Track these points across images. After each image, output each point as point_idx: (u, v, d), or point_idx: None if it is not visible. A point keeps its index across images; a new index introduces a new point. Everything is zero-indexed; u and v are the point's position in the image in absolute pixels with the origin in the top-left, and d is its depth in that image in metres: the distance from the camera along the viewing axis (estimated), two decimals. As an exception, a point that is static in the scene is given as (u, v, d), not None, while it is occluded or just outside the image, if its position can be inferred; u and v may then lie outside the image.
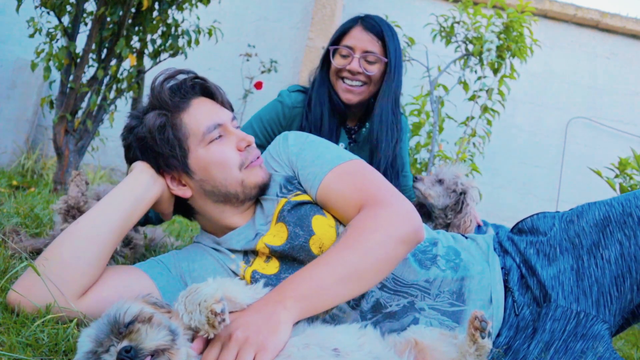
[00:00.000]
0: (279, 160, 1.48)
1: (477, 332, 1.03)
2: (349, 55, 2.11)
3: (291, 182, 1.43)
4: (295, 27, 5.59)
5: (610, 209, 1.30)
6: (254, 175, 1.39)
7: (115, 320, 0.91)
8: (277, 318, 1.04)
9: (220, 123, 1.37)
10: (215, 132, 1.36)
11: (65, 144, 3.40)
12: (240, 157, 1.38)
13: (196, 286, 0.99)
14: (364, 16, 2.18)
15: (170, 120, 1.36)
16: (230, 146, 1.38)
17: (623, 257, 1.24)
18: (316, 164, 1.39)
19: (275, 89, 5.07)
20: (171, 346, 0.90)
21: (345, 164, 1.38)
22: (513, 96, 4.80)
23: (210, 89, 1.44)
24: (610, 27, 5.51)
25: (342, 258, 1.17)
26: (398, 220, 1.23)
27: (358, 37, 2.12)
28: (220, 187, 1.37)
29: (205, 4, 3.65)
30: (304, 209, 1.36)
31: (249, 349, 0.99)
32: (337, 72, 2.15)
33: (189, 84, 1.41)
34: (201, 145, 1.35)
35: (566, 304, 1.25)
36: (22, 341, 1.02)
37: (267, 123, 2.21)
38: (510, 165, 5.51)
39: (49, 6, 3.28)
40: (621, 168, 3.14)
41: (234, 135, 1.39)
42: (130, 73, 3.58)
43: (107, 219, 1.28)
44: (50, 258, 1.21)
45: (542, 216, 1.44)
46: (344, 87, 2.13)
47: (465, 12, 4.04)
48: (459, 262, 1.37)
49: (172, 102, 1.36)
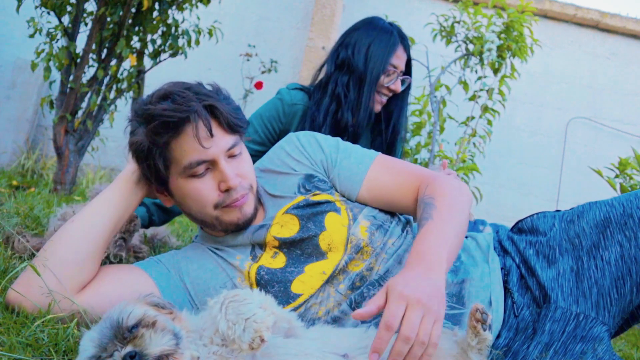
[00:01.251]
0: (302, 160, 1.47)
1: (478, 324, 1.04)
2: (394, 74, 2.23)
3: (311, 181, 1.44)
4: (295, 27, 5.59)
5: (611, 210, 1.29)
6: (229, 215, 1.35)
7: (119, 324, 0.90)
8: (441, 288, 1.06)
9: (205, 160, 1.28)
10: (199, 168, 1.29)
11: (65, 144, 3.40)
12: (218, 197, 1.32)
13: (243, 295, 0.96)
14: (403, 35, 2.29)
15: (157, 142, 1.29)
16: (210, 184, 1.31)
17: (623, 259, 1.24)
18: (357, 157, 1.46)
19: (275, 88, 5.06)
20: (175, 351, 0.89)
21: (377, 158, 1.46)
22: (513, 96, 4.79)
23: (215, 113, 1.30)
24: (610, 27, 5.50)
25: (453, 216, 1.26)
26: (457, 188, 1.36)
27: (400, 57, 2.24)
28: (195, 216, 1.38)
29: (205, 4, 3.65)
30: (319, 207, 1.38)
31: (430, 318, 0.98)
32: (379, 87, 2.24)
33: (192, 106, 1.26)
34: (182, 176, 1.31)
35: (566, 305, 1.25)
36: (22, 341, 1.02)
37: (267, 120, 2.23)
38: (510, 165, 5.51)
39: (49, 6, 3.28)
40: (621, 168, 3.14)
41: (219, 173, 1.30)
42: (130, 73, 3.58)
43: (100, 217, 1.30)
44: (47, 256, 1.22)
45: (542, 216, 1.43)
46: (378, 100, 2.25)
47: (466, 12, 4.04)
48: (459, 265, 1.37)
49: (163, 129, 1.26)
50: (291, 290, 1.29)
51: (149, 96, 1.32)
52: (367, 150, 1.50)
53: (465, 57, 4.17)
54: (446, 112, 4.27)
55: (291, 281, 1.30)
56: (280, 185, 1.46)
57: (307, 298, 1.29)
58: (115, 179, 1.38)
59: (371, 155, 1.47)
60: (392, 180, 1.41)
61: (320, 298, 1.29)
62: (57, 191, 3.46)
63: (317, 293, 1.30)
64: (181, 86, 1.31)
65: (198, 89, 1.32)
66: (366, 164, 1.43)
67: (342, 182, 1.43)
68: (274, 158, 1.52)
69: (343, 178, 1.43)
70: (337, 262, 1.31)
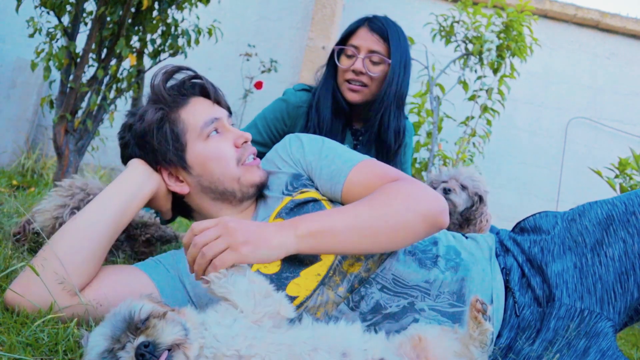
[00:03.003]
0: (289, 161, 1.48)
1: (479, 314, 1.04)
2: (354, 55, 2.11)
3: (298, 179, 1.44)
4: (295, 27, 5.59)
5: (613, 208, 1.30)
6: (251, 174, 1.41)
7: (131, 317, 0.92)
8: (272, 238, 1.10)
9: (217, 117, 1.41)
10: (212, 126, 1.39)
11: (65, 143, 3.39)
12: (236, 153, 1.40)
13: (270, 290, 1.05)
14: (372, 17, 2.17)
15: (168, 115, 1.38)
16: (227, 142, 1.40)
17: (627, 255, 1.24)
18: (338, 163, 1.41)
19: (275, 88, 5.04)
20: (185, 340, 0.92)
21: (363, 161, 1.41)
22: (513, 96, 4.80)
23: (207, 89, 1.46)
24: (610, 27, 5.51)
25: (358, 212, 1.21)
26: (422, 195, 1.26)
27: (364, 37, 2.12)
28: (217, 183, 1.39)
29: (205, 4, 3.65)
30: (306, 208, 1.36)
31: (224, 240, 1.06)
32: (343, 72, 2.15)
33: (187, 83, 1.45)
34: (199, 139, 1.38)
35: (570, 301, 1.25)
36: (22, 341, 1.02)
37: (271, 122, 2.21)
38: (510, 165, 5.51)
39: (48, 6, 3.28)
40: (621, 168, 3.14)
41: (231, 132, 1.43)
42: (130, 73, 3.57)
43: (101, 216, 1.29)
44: (48, 256, 1.21)
45: (544, 215, 1.44)
46: (348, 87, 2.14)
47: (465, 12, 4.04)
48: (460, 262, 1.36)
49: (171, 97, 1.40)
50: (286, 292, 1.29)
51: (152, 79, 1.43)
52: (351, 154, 1.43)
53: (465, 56, 4.17)
54: (444, 112, 4.27)
55: (286, 284, 1.30)
56: (270, 183, 1.47)
57: (302, 300, 1.28)
58: (118, 176, 1.38)
59: (357, 158, 1.41)
60: (365, 181, 1.36)
61: (320, 301, 1.29)
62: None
63: (314, 295, 1.29)
64: (173, 66, 1.46)
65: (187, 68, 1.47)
66: (349, 165, 1.39)
67: (325, 183, 1.41)
68: (268, 158, 1.55)
69: (325, 179, 1.41)
70: (331, 263, 1.31)
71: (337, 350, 0.95)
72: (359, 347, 0.97)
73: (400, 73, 2.12)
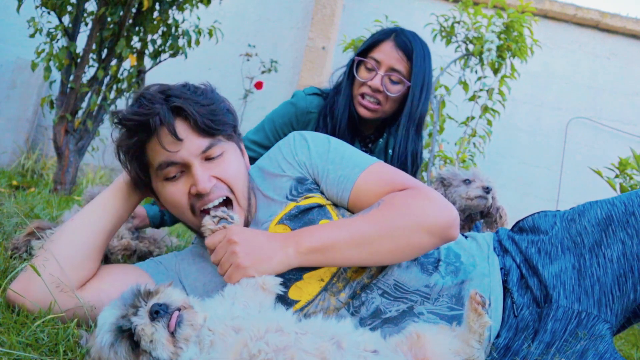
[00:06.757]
0: (293, 164, 1.41)
1: (479, 306, 1.05)
2: (374, 69, 2.01)
3: (303, 183, 1.39)
4: (295, 27, 5.60)
5: (613, 208, 1.29)
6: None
7: (139, 289, 0.98)
8: (274, 256, 1.14)
9: (174, 162, 1.24)
10: (170, 170, 1.26)
11: (66, 144, 3.40)
12: (188, 201, 1.27)
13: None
14: (399, 30, 2.05)
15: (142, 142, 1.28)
16: (182, 188, 1.27)
17: (625, 257, 1.23)
18: (345, 168, 1.34)
19: (275, 88, 5.04)
20: (192, 307, 0.98)
21: (371, 166, 1.35)
22: (513, 96, 4.80)
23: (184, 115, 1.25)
24: (610, 27, 5.51)
25: (362, 228, 1.20)
26: (431, 208, 1.22)
27: (387, 52, 2.00)
28: (181, 220, 1.37)
29: (205, 5, 3.65)
30: (311, 214, 1.33)
31: (226, 264, 1.13)
32: (359, 85, 2.04)
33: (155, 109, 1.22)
34: (158, 178, 1.29)
35: (567, 303, 1.24)
36: (22, 341, 1.02)
37: (279, 126, 2.13)
38: (510, 165, 5.51)
39: (49, 6, 3.29)
40: (621, 168, 3.14)
41: (191, 177, 1.26)
42: (130, 73, 3.58)
43: (98, 216, 1.32)
44: (47, 255, 1.22)
45: (543, 215, 1.43)
46: (360, 101, 2.04)
47: (466, 12, 4.04)
48: (459, 266, 1.35)
49: (130, 133, 1.26)
50: (288, 296, 1.28)
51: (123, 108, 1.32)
52: (359, 158, 1.37)
53: (465, 57, 4.18)
54: (445, 112, 4.28)
55: (289, 286, 1.29)
56: (273, 186, 1.42)
57: (304, 305, 1.27)
58: (113, 182, 1.39)
59: (367, 161, 1.36)
60: (372, 188, 1.31)
61: (321, 307, 1.28)
62: (57, 191, 3.46)
63: (315, 300, 1.28)
64: (157, 89, 1.27)
65: (171, 91, 1.26)
66: (358, 170, 1.34)
67: (333, 187, 1.37)
68: (271, 157, 1.48)
69: (332, 184, 1.36)
70: (335, 269, 1.30)
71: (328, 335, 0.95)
72: (352, 338, 0.97)
73: (418, 95, 2.02)
